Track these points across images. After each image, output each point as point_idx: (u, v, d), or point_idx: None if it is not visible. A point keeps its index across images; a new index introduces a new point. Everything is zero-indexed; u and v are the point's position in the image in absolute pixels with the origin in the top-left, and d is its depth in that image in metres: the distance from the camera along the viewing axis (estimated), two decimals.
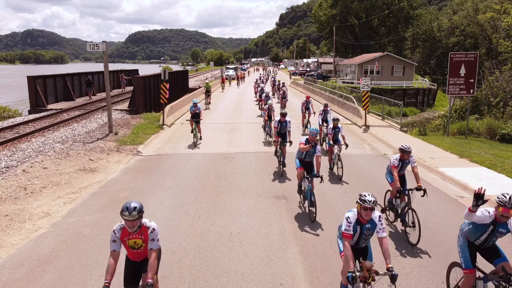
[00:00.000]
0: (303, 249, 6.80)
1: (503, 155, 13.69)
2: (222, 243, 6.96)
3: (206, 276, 5.92)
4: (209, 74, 75.87)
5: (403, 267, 6.24)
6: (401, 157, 7.36)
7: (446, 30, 52.49)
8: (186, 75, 41.77)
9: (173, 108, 21.42)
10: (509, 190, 9.57)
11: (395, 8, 68.27)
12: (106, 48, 15.93)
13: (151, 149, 14.27)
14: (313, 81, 47.37)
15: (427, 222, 7.98)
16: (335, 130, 11.38)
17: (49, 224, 7.71)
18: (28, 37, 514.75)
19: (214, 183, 10.38)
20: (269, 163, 12.35)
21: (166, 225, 7.69)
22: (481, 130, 18.90)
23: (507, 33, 29.23)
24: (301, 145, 8.36)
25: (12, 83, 77.93)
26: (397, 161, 7.36)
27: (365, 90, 19.00)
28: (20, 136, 15.06)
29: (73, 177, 10.62)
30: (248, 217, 8.11)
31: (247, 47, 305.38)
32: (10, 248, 6.75)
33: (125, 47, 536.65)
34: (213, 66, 75.54)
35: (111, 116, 16.74)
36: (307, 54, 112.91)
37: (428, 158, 12.88)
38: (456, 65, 17.57)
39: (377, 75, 49.04)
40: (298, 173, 8.47)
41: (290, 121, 11.50)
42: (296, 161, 8.65)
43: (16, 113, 24.51)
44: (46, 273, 5.95)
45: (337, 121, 11.52)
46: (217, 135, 16.97)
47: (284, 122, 11.43)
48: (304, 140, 8.37)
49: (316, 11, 79.55)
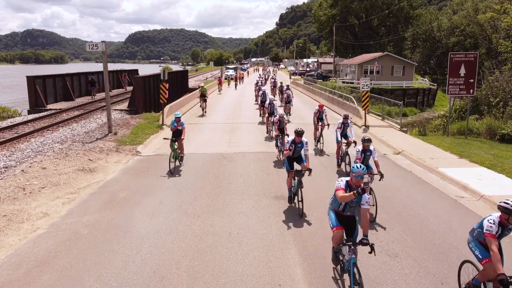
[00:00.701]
0: (302, 250, 6.78)
1: (503, 155, 13.67)
2: (221, 244, 6.93)
3: (205, 276, 5.90)
4: (209, 74, 75.86)
5: (403, 267, 6.22)
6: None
7: (446, 30, 52.49)
8: (186, 75, 41.76)
9: (173, 108, 21.39)
10: (509, 190, 9.58)
11: (395, 8, 68.29)
12: (106, 48, 15.91)
13: (151, 149, 14.25)
14: (313, 81, 47.34)
15: (427, 222, 7.96)
16: (365, 154, 8.75)
17: (47, 225, 7.68)
18: (28, 37, 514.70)
19: (213, 183, 10.36)
20: (269, 163, 12.33)
21: (165, 225, 7.67)
22: (481, 130, 18.88)
23: (507, 33, 29.19)
24: (340, 192, 5.41)
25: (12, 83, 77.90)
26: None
27: (365, 90, 18.98)
28: (19, 136, 15.05)
29: (72, 177, 10.60)
30: (247, 218, 8.09)
31: (247, 47, 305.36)
32: (8, 248, 6.73)
33: (125, 47, 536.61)
34: (213, 66, 75.44)
35: (110, 116, 16.71)
36: (307, 54, 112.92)
37: (428, 158, 12.86)
38: (456, 65, 17.56)
39: (377, 75, 49.04)
40: (334, 235, 5.60)
41: (307, 142, 8.69)
42: (331, 216, 5.69)
43: (16, 113, 24.51)
44: (44, 273, 5.93)
45: (368, 143, 8.73)
46: (217, 135, 16.95)
47: (299, 143, 8.64)
48: (343, 184, 5.46)
49: (316, 11, 79.59)
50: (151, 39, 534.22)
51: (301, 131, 8.60)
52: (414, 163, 12.67)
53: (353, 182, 5.37)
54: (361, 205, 5.37)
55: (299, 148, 8.69)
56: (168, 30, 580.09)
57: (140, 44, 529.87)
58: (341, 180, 5.57)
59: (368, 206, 5.36)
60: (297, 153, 8.80)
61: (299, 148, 8.70)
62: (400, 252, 6.73)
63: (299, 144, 8.65)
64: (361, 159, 8.61)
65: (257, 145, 15.05)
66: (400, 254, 6.64)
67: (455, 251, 6.76)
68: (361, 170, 5.33)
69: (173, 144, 11.35)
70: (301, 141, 8.62)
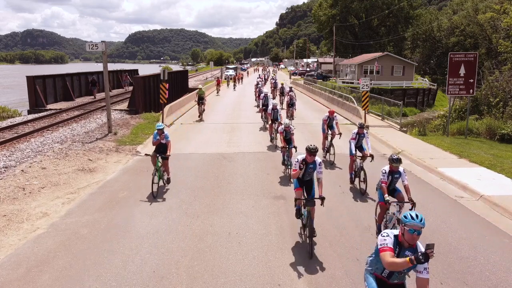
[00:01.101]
0: (302, 249, 6.79)
1: (502, 155, 13.67)
2: (221, 244, 6.94)
3: (204, 276, 5.91)
4: (208, 74, 75.88)
5: None
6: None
7: (446, 30, 52.50)
8: (186, 75, 41.75)
9: (173, 108, 21.40)
10: (508, 190, 9.59)
11: (395, 8, 68.29)
12: (106, 48, 15.92)
13: (150, 149, 14.21)
14: (313, 81, 47.36)
15: (426, 222, 7.92)
16: (393, 176, 7.09)
17: (47, 225, 7.69)
18: (28, 37, 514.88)
19: (213, 183, 10.37)
20: (268, 163, 12.33)
21: (165, 225, 7.67)
22: (480, 130, 18.89)
23: (506, 33, 29.19)
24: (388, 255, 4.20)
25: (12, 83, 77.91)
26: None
27: (364, 90, 18.99)
28: (19, 136, 15.06)
29: (72, 177, 10.61)
30: (246, 218, 8.09)
31: (247, 47, 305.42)
32: (8, 248, 6.74)
33: (125, 47, 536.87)
34: (213, 66, 75.35)
35: (110, 116, 16.72)
36: (307, 54, 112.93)
37: (427, 158, 12.87)
38: (455, 65, 17.56)
39: (377, 75, 49.04)
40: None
41: (321, 163, 6.98)
42: (370, 284, 4.37)
43: (16, 113, 24.52)
44: (44, 273, 5.93)
45: (398, 163, 6.94)
46: (217, 135, 16.95)
47: (311, 164, 6.97)
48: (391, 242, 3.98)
49: (316, 11, 79.61)
50: (151, 39, 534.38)
51: (314, 149, 6.80)
52: (414, 163, 12.68)
53: (406, 238, 3.86)
54: (417, 273, 3.86)
55: (311, 169, 7.09)
56: (168, 30, 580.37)
57: (140, 44, 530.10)
58: (387, 236, 3.97)
59: (428, 275, 3.85)
60: (308, 176, 7.24)
61: (311, 169, 7.09)
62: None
63: (311, 165, 7.02)
64: (388, 182, 7.04)
65: (257, 145, 15.05)
66: None
67: (455, 251, 6.76)
68: (418, 223, 3.79)
69: (157, 162, 9.44)
70: (313, 161, 6.95)
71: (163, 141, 9.70)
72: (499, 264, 6.37)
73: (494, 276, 6.05)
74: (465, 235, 7.39)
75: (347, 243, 7.02)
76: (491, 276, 6.04)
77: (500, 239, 7.32)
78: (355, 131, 10.15)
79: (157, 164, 9.41)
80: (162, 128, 9.64)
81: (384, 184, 6.91)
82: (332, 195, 9.40)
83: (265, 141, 15.59)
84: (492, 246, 6.97)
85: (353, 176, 10.18)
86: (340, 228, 7.65)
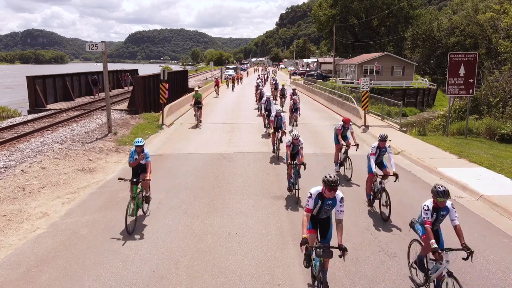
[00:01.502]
0: None
1: (502, 155, 13.68)
2: (220, 244, 6.95)
3: (204, 276, 5.91)
4: (208, 74, 75.86)
5: (401, 267, 6.23)
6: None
7: (446, 30, 52.49)
8: (186, 75, 41.74)
9: (173, 108, 21.41)
10: (508, 190, 9.59)
11: (395, 8, 68.31)
12: (105, 48, 15.93)
13: (150, 149, 14.19)
14: (313, 81, 47.35)
15: None
16: (439, 214, 5.40)
17: (47, 225, 7.70)
18: (28, 37, 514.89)
19: (213, 183, 10.37)
20: (268, 164, 12.34)
21: (164, 225, 7.68)
22: (480, 130, 18.90)
23: (506, 33, 29.20)
24: None
25: (12, 83, 77.91)
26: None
27: (364, 90, 19.00)
28: (19, 136, 15.06)
29: (72, 177, 10.61)
30: (246, 218, 8.10)
31: (247, 47, 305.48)
32: (8, 248, 6.74)
33: (125, 47, 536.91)
34: (213, 66, 75.31)
35: (110, 116, 16.73)
36: (307, 54, 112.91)
37: (427, 158, 12.87)
38: (455, 65, 17.57)
39: (377, 75, 49.06)
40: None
41: (343, 199, 5.26)
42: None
43: (15, 113, 24.53)
44: (43, 273, 5.94)
45: (445, 197, 5.19)
46: (217, 135, 16.96)
47: (330, 200, 5.26)
48: None
49: (316, 11, 79.63)
50: (151, 39, 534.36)
51: (334, 182, 5.03)
52: (414, 163, 12.69)
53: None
54: None
55: (329, 207, 5.32)
56: (168, 30, 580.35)
57: (140, 44, 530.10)
58: None
59: None
60: (325, 214, 5.49)
61: (328, 207, 5.31)
62: (398, 252, 6.74)
63: (330, 201, 5.24)
64: (432, 223, 5.31)
65: (257, 145, 15.06)
66: (398, 254, 6.65)
67: None
68: None
69: (134, 188, 7.46)
70: (333, 198, 5.21)
71: (143, 162, 7.76)
72: (498, 264, 6.37)
73: (493, 276, 6.06)
74: (464, 235, 7.37)
75: (347, 243, 7.01)
76: (490, 276, 6.04)
77: (499, 239, 7.33)
78: (375, 145, 8.56)
79: (134, 192, 7.41)
80: (142, 145, 7.68)
81: (428, 225, 5.24)
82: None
83: (265, 141, 15.59)
84: (492, 246, 6.97)
85: (372, 198, 8.63)
86: None
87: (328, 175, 5.16)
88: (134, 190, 7.45)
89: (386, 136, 8.57)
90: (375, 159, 8.63)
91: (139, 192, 7.67)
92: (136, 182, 7.57)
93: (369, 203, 8.77)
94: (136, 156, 7.71)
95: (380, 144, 8.55)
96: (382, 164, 8.82)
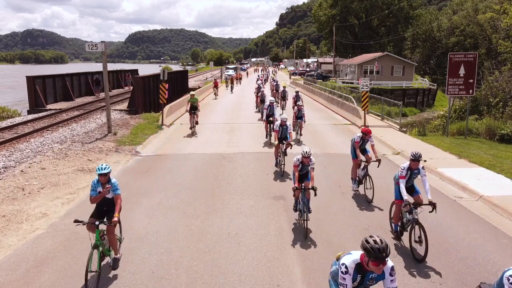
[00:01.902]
0: (301, 250, 6.78)
1: (502, 155, 13.67)
2: (220, 244, 6.94)
3: (204, 277, 5.91)
4: (208, 74, 75.86)
5: (401, 267, 6.22)
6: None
7: (446, 30, 52.49)
8: (186, 75, 41.74)
9: (173, 108, 21.40)
10: (508, 190, 9.59)
11: (395, 8, 68.31)
12: (105, 48, 15.92)
13: (150, 150, 14.25)
14: (313, 81, 47.35)
15: (425, 222, 7.93)
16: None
17: (46, 225, 7.69)
18: (28, 37, 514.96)
19: (213, 183, 10.37)
20: (268, 164, 12.32)
21: (164, 225, 7.67)
22: (480, 131, 18.89)
23: (506, 33, 29.20)
24: None
25: (12, 83, 77.90)
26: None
27: (364, 90, 18.99)
28: (19, 136, 15.06)
29: (71, 178, 10.61)
30: (246, 218, 8.09)
31: (247, 47, 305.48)
32: (7, 249, 6.73)
33: (125, 47, 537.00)
34: (213, 66, 75.35)
35: (110, 116, 16.72)
36: (307, 54, 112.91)
37: (427, 158, 12.84)
38: (455, 65, 17.56)
39: (377, 75, 49.05)
40: None
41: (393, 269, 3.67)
42: None
43: (15, 113, 24.53)
44: (43, 274, 5.93)
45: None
46: (216, 135, 16.95)
47: (373, 273, 3.69)
48: None
49: (316, 11, 79.64)
50: (151, 39, 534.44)
51: (384, 251, 3.43)
52: None
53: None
54: None
55: (373, 281, 3.80)
56: (168, 30, 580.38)
57: (140, 44, 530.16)
58: None
59: None
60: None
61: (372, 281, 3.80)
62: (398, 252, 6.73)
63: (373, 275, 3.72)
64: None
65: (257, 145, 15.05)
66: (398, 255, 6.64)
67: (454, 251, 6.76)
68: None
69: (96, 233, 5.56)
70: (383, 272, 3.61)
71: (109, 196, 5.91)
72: (498, 264, 6.36)
73: (493, 276, 6.05)
74: (464, 236, 7.39)
75: (347, 243, 7.01)
76: (490, 276, 6.03)
77: (499, 239, 7.32)
78: (406, 165, 6.78)
79: (96, 238, 5.51)
80: (107, 172, 5.69)
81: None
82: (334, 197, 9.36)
83: (265, 141, 15.58)
84: (492, 247, 6.97)
85: (399, 229, 7.07)
86: (340, 228, 7.64)
87: (372, 240, 3.40)
88: (97, 236, 5.51)
89: (420, 155, 6.69)
90: (406, 183, 6.84)
91: (101, 236, 5.60)
92: (98, 225, 5.57)
93: (396, 236, 7.10)
94: (99, 188, 5.77)
95: (412, 164, 6.72)
96: (413, 189, 7.05)
